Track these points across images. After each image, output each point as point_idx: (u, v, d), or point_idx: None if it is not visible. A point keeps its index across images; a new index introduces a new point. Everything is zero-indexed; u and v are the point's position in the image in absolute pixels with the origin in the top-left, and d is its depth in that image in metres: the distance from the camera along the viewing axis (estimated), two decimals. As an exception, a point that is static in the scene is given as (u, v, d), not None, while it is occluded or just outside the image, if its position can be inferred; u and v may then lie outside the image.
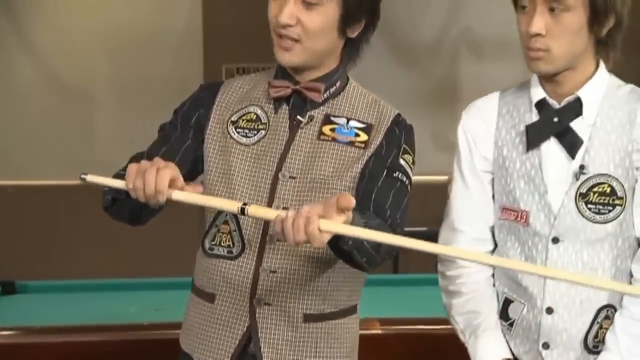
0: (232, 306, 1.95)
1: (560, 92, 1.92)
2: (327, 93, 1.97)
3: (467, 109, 2.05)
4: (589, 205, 1.89)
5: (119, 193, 1.86)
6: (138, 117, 5.40)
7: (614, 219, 1.89)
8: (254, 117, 1.98)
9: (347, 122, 1.96)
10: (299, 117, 1.96)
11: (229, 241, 1.95)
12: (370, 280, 2.14)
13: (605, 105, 1.91)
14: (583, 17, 1.83)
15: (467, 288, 2.02)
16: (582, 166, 1.90)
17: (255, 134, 1.97)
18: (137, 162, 1.72)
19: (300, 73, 1.96)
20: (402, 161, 1.94)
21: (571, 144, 1.91)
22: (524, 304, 1.96)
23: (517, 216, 1.95)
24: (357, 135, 1.95)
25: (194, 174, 2.00)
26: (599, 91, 1.92)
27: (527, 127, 1.94)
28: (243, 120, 1.98)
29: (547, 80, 1.93)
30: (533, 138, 1.93)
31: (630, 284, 1.92)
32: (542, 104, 1.94)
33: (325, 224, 1.55)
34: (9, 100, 5.68)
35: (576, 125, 1.91)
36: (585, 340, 1.92)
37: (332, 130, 1.95)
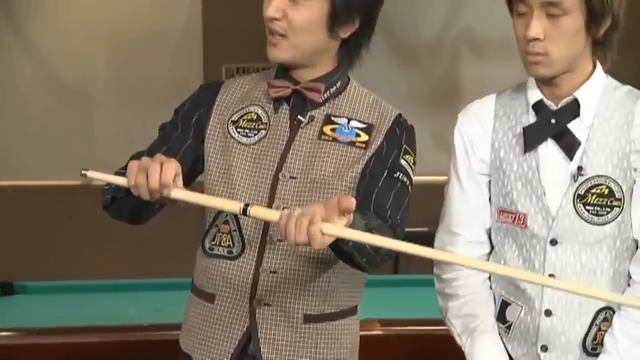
0: (232, 306, 1.95)
1: (558, 93, 1.92)
2: (327, 93, 1.97)
3: (463, 111, 2.05)
4: (587, 207, 1.89)
5: (119, 191, 1.85)
6: (138, 117, 5.40)
7: (612, 221, 1.89)
8: (255, 117, 1.98)
9: (348, 122, 1.96)
10: (299, 117, 1.96)
11: (229, 241, 1.95)
12: (370, 280, 2.14)
13: (602, 106, 1.91)
14: (580, 19, 1.82)
15: (464, 291, 2.01)
16: (580, 167, 1.89)
17: (255, 134, 1.97)
18: (139, 159, 1.71)
19: (296, 72, 1.96)
20: (402, 161, 1.94)
21: (569, 145, 1.90)
22: (521, 307, 1.96)
23: (514, 218, 1.95)
24: (357, 135, 1.95)
25: (194, 174, 2.00)
26: (596, 92, 1.91)
27: (525, 129, 1.94)
28: (243, 120, 1.98)
29: (544, 82, 1.93)
30: (530, 140, 1.93)
31: (629, 285, 1.92)
32: (539, 106, 1.94)
33: (328, 227, 1.54)
34: (9, 100, 5.68)
35: (573, 126, 1.91)
36: (584, 342, 1.92)
37: (333, 130, 1.95)
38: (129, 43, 5.62)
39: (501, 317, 2.00)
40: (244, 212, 1.62)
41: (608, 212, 1.88)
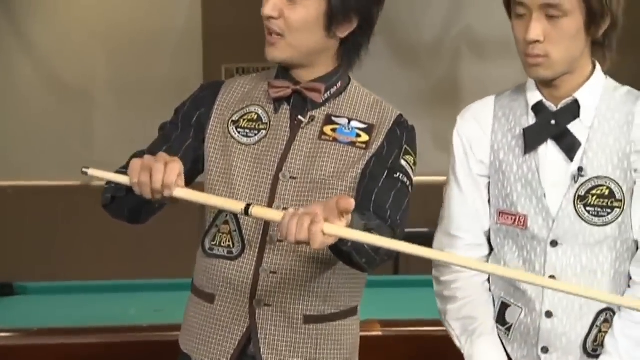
0: (232, 307, 1.95)
1: (557, 95, 1.91)
2: (327, 93, 1.97)
3: (462, 113, 2.04)
4: (587, 208, 1.88)
5: (119, 191, 1.85)
6: (138, 117, 5.40)
7: (613, 222, 1.88)
8: (255, 117, 1.98)
9: (349, 123, 1.96)
10: (299, 117, 1.96)
11: (229, 241, 1.95)
12: (370, 281, 2.13)
13: (602, 107, 1.90)
14: (580, 20, 1.82)
15: (462, 293, 2.01)
16: (580, 168, 1.88)
17: (256, 134, 1.96)
18: (141, 158, 1.71)
19: (297, 72, 1.96)
20: (403, 162, 1.94)
21: (569, 146, 1.90)
22: (521, 308, 1.95)
23: (514, 220, 1.94)
24: (358, 135, 1.95)
25: (194, 174, 2.00)
26: (596, 93, 1.91)
27: (525, 130, 1.93)
28: (244, 120, 1.98)
29: (544, 84, 1.92)
30: (530, 141, 1.92)
31: (629, 286, 1.92)
32: (539, 107, 1.93)
33: (329, 227, 1.54)
34: (8, 100, 5.68)
35: (574, 127, 1.90)
36: (585, 344, 1.91)
37: (334, 130, 1.95)
38: (128, 43, 5.62)
39: (501, 319, 1.99)
40: (246, 212, 1.62)
41: (609, 213, 1.88)
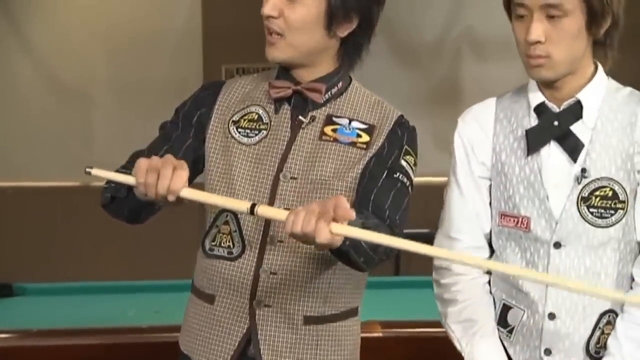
0: (232, 308, 1.94)
1: (559, 96, 1.91)
2: (328, 94, 1.96)
3: (463, 115, 2.04)
4: (590, 209, 1.87)
5: (119, 191, 1.85)
6: (137, 118, 5.40)
7: (616, 223, 1.87)
8: (256, 117, 1.98)
9: (349, 123, 1.95)
10: (300, 117, 1.95)
11: (229, 242, 1.94)
12: (371, 282, 2.13)
13: (605, 108, 1.90)
14: (581, 19, 1.81)
15: (463, 296, 2.00)
16: (583, 169, 1.88)
17: (256, 134, 1.96)
18: (147, 158, 1.69)
19: (297, 72, 1.95)
20: (403, 162, 1.93)
21: (572, 147, 1.89)
22: (523, 310, 1.94)
23: (517, 222, 1.93)
24: (359, 136, 1.94)
25: (194, 174, 1.99)
26: (599, 94, 1.90)
27: (527, 132, 1.93)
28: (244, 120, 1.98)
29: (545, 85, 1.91)
30: (533, 142, 1.92)
31: (631, 288, 1.91)
32: (541, 108, 1.92)
33: (336, 227, 1.53)
34: (8, 100, 5.68)
35: (576, 128, 1.90)
36: (588, 346, 1.91)
37: (334, 130, 1.94)
38: (128, 43, 5.62)
39: (502, 321, 1.98)
40: (252, 211, 1.61)
41: (612, 215, 1.87)
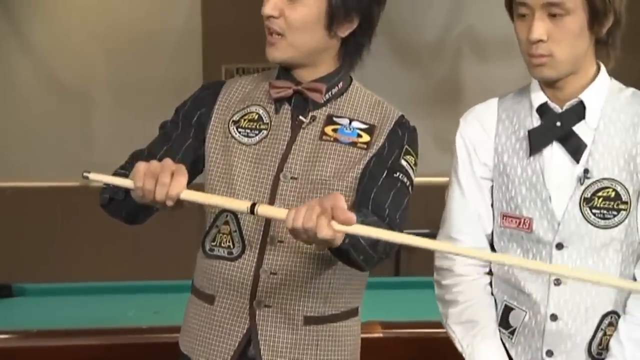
0: (232, 308, 1.94)
1: (562, 96, 1.90)
2: (329, 94, 1.96)
3: (465, 116, 2.03)
4: (593, 210, 1.87)
5: (117, 193, 1.84)
6: (137, 118, 5.39)
7: (619, 224, 1.87)
8: (256, 117, 1.98)
9: (350, 123, 1.95)
10: (300, 117, 1.95)
11: (229, 242, 1.94)
12: (371, 283, 2.13)
13: (608, 108, 1.89)
14: (583, 18, 1.81)
15: (464, 297, 1.99)
16: (586, 170, 1.87)
17: (257, 134, 1.96)
18: (146, 161, 1.69)
19: (298, 72, 1.95)
20: (403, 162, 1.93)
21: (575, 148, 1.89)
22: (525, 312, 1.94)
23: (519, 223, 1.93)
24: (359, 136, 1.94)
25: (194, 174, 1.99)
26: (602, 94, 1.90)
27: (530, 132, 1.92)
28: (245, 120, 1.98)
29: (548, 85, 1.91)
30: (536, 143, 1.91)
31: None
32: (543, 109, 1.92)
33: (338, 224, 1.53)
34: (8, 100, 5.68)
35: (579, 129, 1.89)
36: (590, 347, 1.90)
37: (335, 130, 1.94)
38: (128, 43, 5.62)
39: (504, 323, 1.98)
40: (252, 210, 1.60)
41: (615, 216, 1.86)
